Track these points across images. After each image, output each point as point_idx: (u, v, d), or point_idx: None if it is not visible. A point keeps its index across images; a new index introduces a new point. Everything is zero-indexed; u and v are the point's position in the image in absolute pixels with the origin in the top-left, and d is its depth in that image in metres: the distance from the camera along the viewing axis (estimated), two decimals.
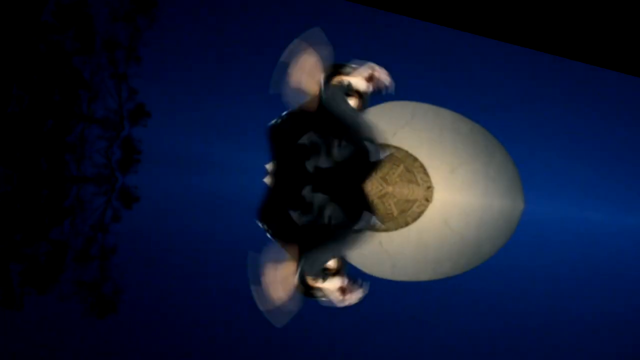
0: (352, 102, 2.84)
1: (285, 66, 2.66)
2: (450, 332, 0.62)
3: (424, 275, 0.97)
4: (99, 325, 0.70)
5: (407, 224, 1.74)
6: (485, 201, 6.98)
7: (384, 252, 1.22)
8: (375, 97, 2.70)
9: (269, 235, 1.62)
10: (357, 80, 2.89)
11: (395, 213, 2.16)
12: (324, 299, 0.89)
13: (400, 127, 7.19)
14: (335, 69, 2.86)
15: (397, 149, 7.00)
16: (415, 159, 7.30)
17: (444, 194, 6.89)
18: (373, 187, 7.29)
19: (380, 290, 0.83)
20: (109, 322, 0.72)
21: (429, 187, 7.19)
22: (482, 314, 0.69)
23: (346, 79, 2.86)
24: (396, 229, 1.60)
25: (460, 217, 2.13)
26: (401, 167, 7.14)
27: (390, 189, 6.98)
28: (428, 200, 3.20)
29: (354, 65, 2.86)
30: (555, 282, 0.90)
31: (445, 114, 7.43)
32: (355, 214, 2.61)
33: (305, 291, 0.97)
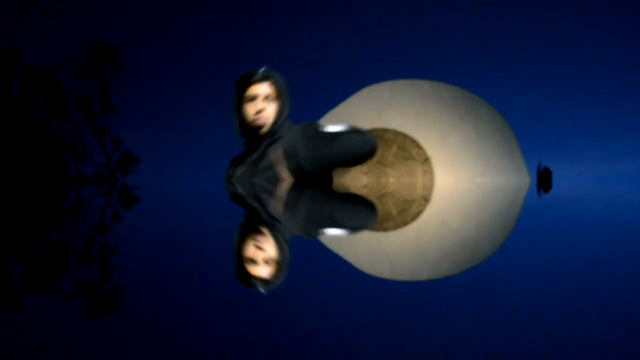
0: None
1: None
2: (450, 332, 0.63)
3: (422, 275, 0.97)
4: (99, 325, 0.71)
5: (405, 223, 1.74)
6: (483, 160, 6.94)
7: (382, 251, 1.22)
8: (352, 86, 2.77)
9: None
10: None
11: (394, 213, 2.17)
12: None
13: (383, 109, 7.20)
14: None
15: (386, 130, 6.99)
16: (406, 136, 7.31)
17: (442, 162, 6.88)
18: (371, 173, 7.30)
19: (379, 290, 0.83)
20: (109, 322, 0.73)
21: (426, 159, 7.23)
22: (482, 314, 0.69)
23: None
24: (395, 228, 1.60)
25: (458, 216, 2.14)
26: (394, 147, 7.15)
27: (389, 171, 6.97)
28: (427, 200, 3.20)
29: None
30: (557, 280, 0.91)
31: (423, 85, 7.42)
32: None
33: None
